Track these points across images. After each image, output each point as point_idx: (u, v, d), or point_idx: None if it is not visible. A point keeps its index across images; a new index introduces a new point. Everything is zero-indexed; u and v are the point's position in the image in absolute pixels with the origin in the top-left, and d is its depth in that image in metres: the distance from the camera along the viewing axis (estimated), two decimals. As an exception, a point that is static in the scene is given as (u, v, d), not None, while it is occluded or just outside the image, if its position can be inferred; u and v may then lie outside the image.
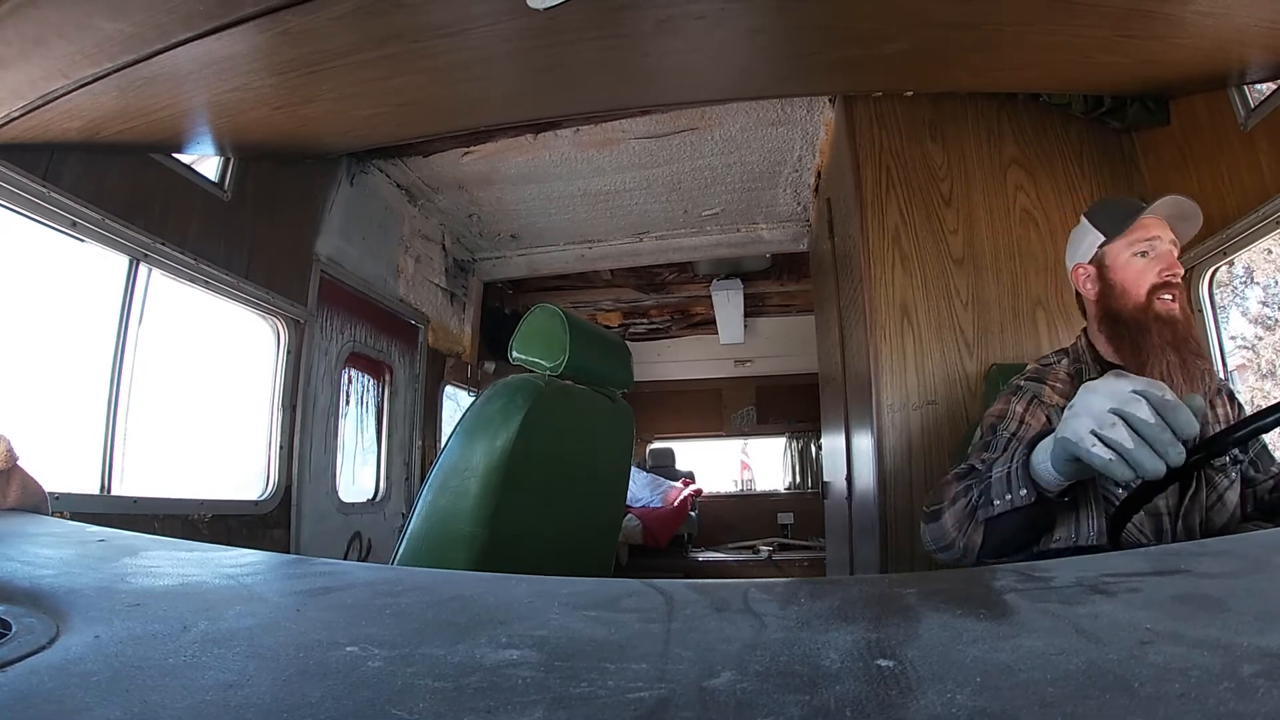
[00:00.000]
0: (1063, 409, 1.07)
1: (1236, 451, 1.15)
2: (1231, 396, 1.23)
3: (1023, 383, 1.23)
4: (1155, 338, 1.12)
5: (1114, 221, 1.21)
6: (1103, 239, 1.22)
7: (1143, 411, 0.72)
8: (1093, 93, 1.89)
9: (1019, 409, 1.18)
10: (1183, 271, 1.15)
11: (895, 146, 1.99)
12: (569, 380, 1.26)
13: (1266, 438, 1.19)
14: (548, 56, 1.66)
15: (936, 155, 1.98)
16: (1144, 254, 1.17)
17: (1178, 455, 0.72)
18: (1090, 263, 1.24)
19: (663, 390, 6.39)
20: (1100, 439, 0.75)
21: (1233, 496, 1.12)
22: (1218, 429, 1.16)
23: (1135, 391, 0.74)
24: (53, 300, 1.70)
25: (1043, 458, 0.88)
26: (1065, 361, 1.25)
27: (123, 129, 1.60)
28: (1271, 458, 1.23)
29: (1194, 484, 1.10)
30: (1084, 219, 1.28)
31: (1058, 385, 1.21)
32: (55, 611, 0.46)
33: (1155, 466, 0.72)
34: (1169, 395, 0.73)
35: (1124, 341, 1.18)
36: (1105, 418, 0.74)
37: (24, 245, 1.57)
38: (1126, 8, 1.41)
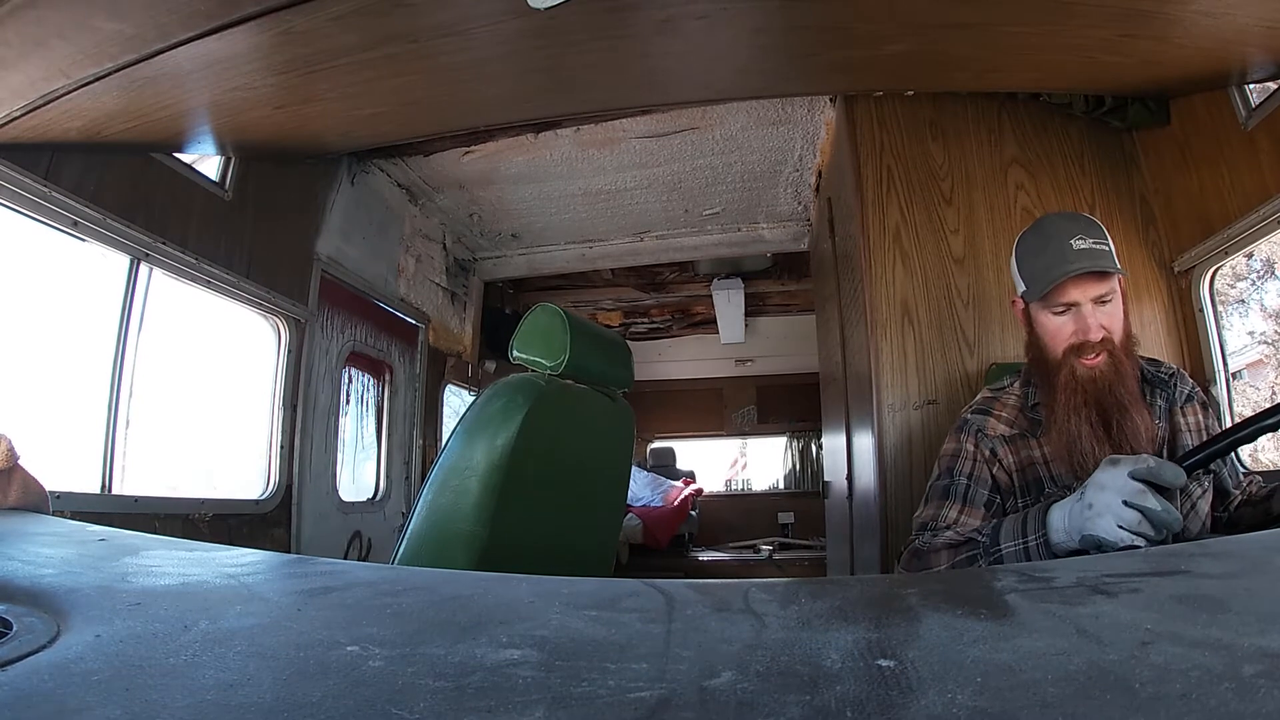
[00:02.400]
0: (1005, 438, 1.21)
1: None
2: (1204, 405, 1.24)
3: (969, 415, 1.26)
4: (1062, 400, 1.13)
5: (1033, 278, 1.17)
6: (1025, 288, 1.21)
7: (1150, 502, 0.87)
8: (1093, 93, 1.88)
9: (969, 447, 1.22)
10: (1101, 335, 1.12)
11: (896, 146, 1.99)
12: (570, 380, 1.26)
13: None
14: (548, 56, 1.66)
15: (937, 155, 1.98)
16: (1061, 313, 1.15)
17: (1178, 522, 0.88)
18: (1021, 298, 1.24)
19: (663, 390, 6.39)
20: (1126, 530, 0.89)
21: (1204, 505, 1.14)
22: (1189, 438, 1.18)
23: (1135, 478, 0.89)
24: (54, 300, 1.70)
25: (1063, 539, 0.98)
26: (1016, 385, 1.28)
27: (123, 129, 1.60)
28: (1238, 471, 1.26)
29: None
30: (1015, 251, 1.24)
31: (1003, 415, 1.24)
32: (56, 611, 0.46)
33: (1165, 534, 0.88)
34: (1160, 469, 0.88)
35: (1043, 391, 1.20)
36: (1126, 515, 0.88)
37: (25, 245, 1.57)
38: (1126, 8, 1.40)
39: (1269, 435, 0.97)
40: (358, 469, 2.82)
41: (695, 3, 1.46)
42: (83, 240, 1.65)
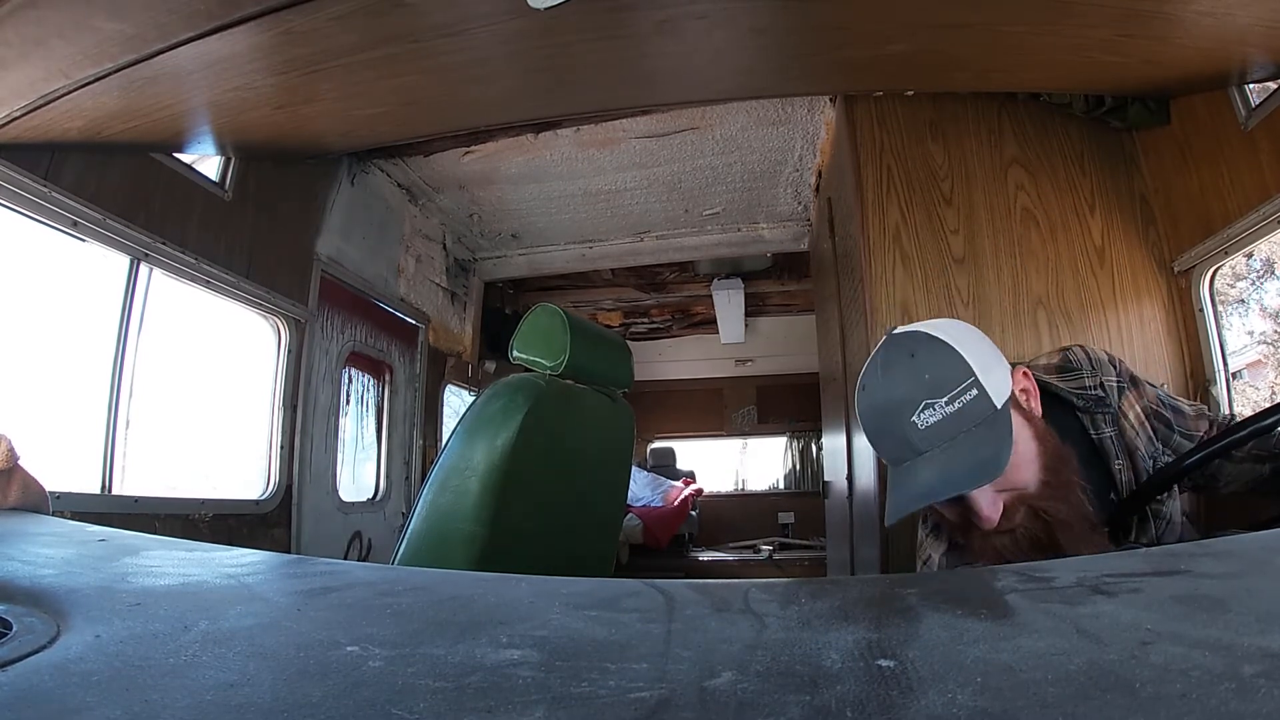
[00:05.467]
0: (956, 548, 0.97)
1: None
2: (1134, 382, 1.03)
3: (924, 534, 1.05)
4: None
5: (892, 489, 0.93)
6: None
7: None
8: (1093, 93, 1.88)
9: (932, 551, 1.04)
10: (1003, 504, 0.85)
11: (896, 146, 1.99)
12: (570, 380, 1.27)
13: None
14: (548, 56, 1.66)
15: (937, 155, 1.98)
16: (944, 503, 0.90)
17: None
18: None
19: (663, 390, 6.40)
20: None
21: (1176, 507, 1.00)
22: (1140, 441, 1.01)
23: None
24: (54, 300, 1.70)
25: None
26: None
27: (124, 129, 1.60)
28: (1187, 418, 1.05)
29: (1133, 530, 0.98)
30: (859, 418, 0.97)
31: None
32: (56, 611, 0.46)
33: None
34: None
35: (966, 554, 0.97)
36: None
37: (25, 245, 1.57)
38: (1126, 8, 1.40)
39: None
40: (358, 469, 2.82)
41: (695, 3, 1.46)
42: (83, 240, 1.65)
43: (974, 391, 0.82)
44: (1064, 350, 1.07)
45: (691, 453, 6.57)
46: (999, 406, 0.83)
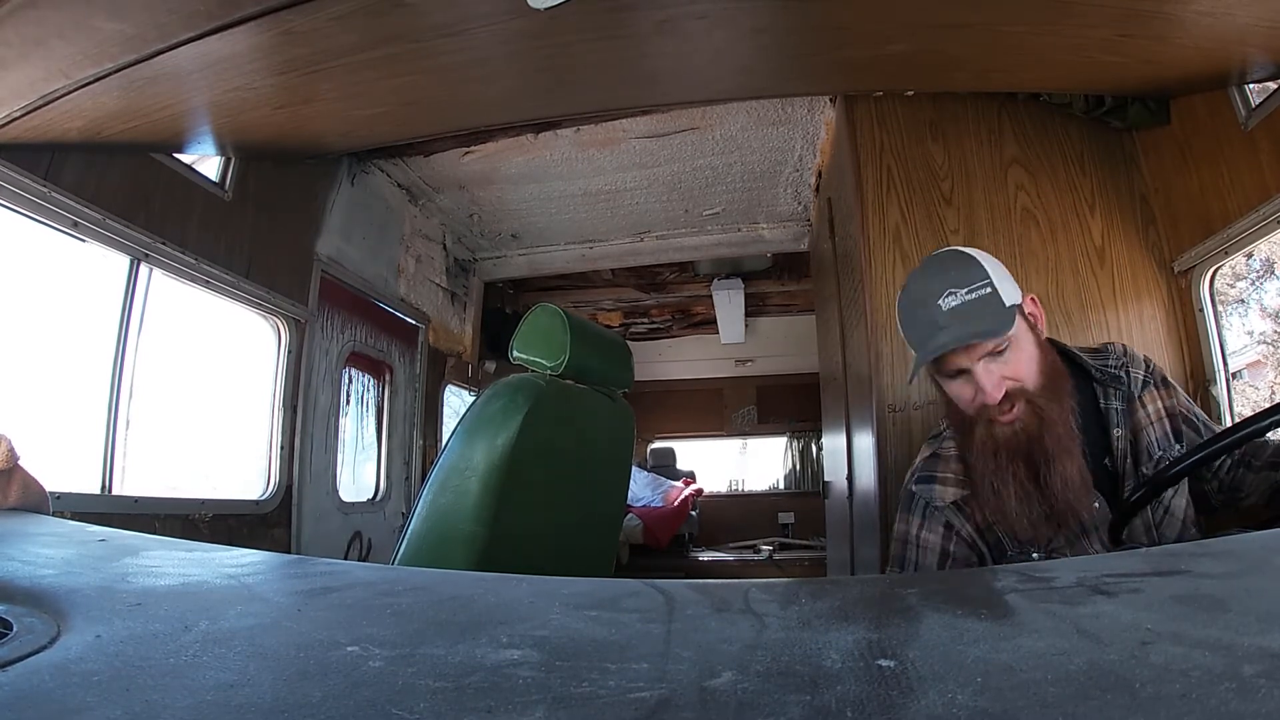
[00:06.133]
0: (958, 503, 1.09)
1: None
2: (1164, 383, 1.15)
3: (914, 488, 1.14)
4: (981, 463, 1.04)
5: (914, 345, 1.06)
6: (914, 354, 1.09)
7: None
8: (1093, 93, 1.88)
9: (915, 531, 1.12)
10: (1004, 390, 1.00)
11: (896, 146, 1.99)
12: (570, 380, 1.27)
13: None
14: (548, 56, 1.66)
15: (937, 155, 1.98)
16: (955, 376, 1.05)
17: None
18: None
19: (663, 390, 6.39)
20: None
21: (1180, 503, 1.07)
22: (1153, 430, 1.10)
23: None
24: (54, 300, 1.70)
25: None
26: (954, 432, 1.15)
27: (124, 129, 1.60)
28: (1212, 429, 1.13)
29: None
30: (897, 313, 1.12)
31: (949, 475, 1.12)
32: (56, 611, 0.46)
33: None
34: None
35: (966, 453, 1.09)
36: None
37: (25, 245, 1.57)
38: (1126, 8, 1.40)
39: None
40: (358, 469, 2.82)
41: (695, 3, 1.46)
42: (83, 240, 1.65)
43: (988, 289, 1.01)
44: (1106, 343, 1.20)
45: (691, 453, 6.57)
46: (1007, 305, 1.01)
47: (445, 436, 1.47)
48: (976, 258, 1.05)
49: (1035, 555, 1.05)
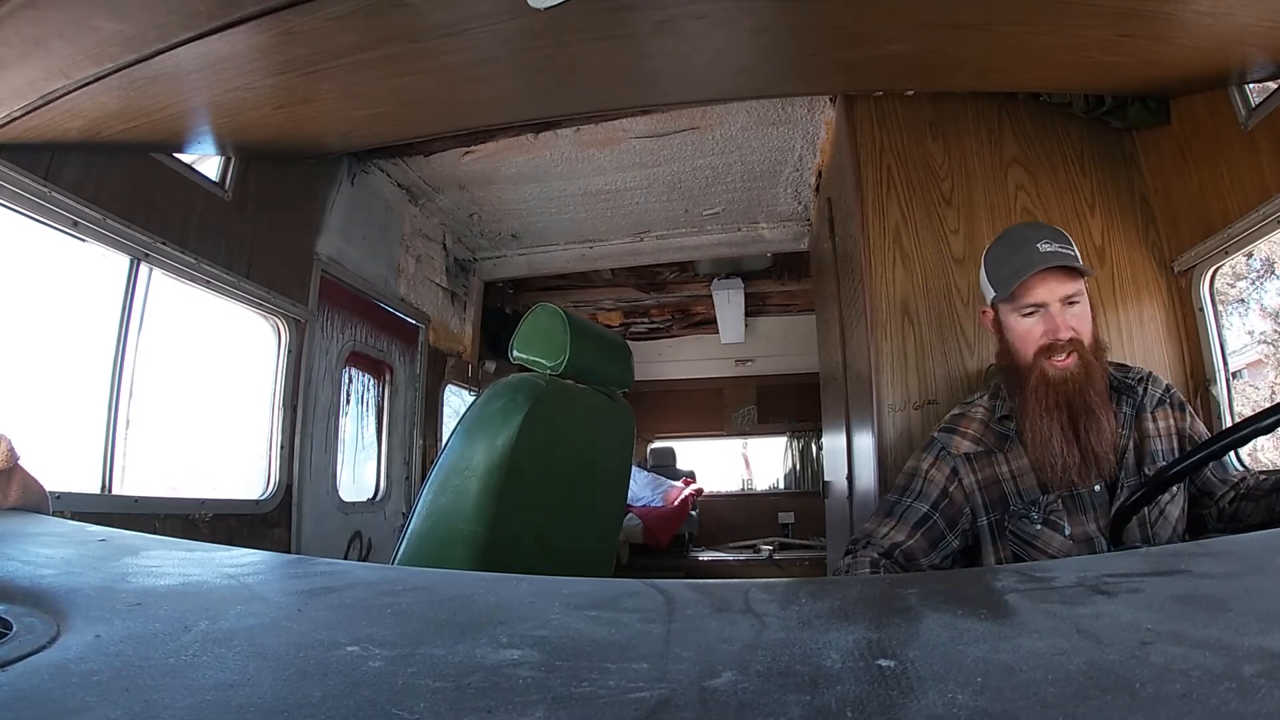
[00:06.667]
0: (970, 456, 1.23)
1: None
2: (1180, 406, 1.26)
3: (936, 434, 1.29)
4: (1033, 403, 1.15)
5: (1002, 281, 1.20)
6: (994, 294, 1.23)
7: None
8: (1093, 93, 1.88)
9: (926, 466, 1.25)
10: (1070, 335, 1.15)
11: (896, 146, 1.99)
12: (570, 379, 1.26)
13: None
14: (548, 56, 1.66)
15: (937, 155, 1.98)
16: (1030, 314, 1.18)
17: None
18: (991, 307, 1.26)
19: (663, 390, 6.39)
20: None
21: (1174, 510, 1.15)
22: (1159, 443, 1.19)
23: None
24: (54, 300, 1.70)
25: None
26: (985, 399, 1.30)
27: (124, 129, 1.60)
28: (1225, 467, 1.24)
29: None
30: (983, 262, 1.27)
31: (970, 431, 1.26)
32: (56, 611, 0.46)
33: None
34: None
35: (1014, 396, 1.22)
36: None
37: (25, 245, 1.57)
38: (1126, 8, 1.40)
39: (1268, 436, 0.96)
40: (358, 469, 2.82)
41: (695, 3, 1.46)
42: (83, 240, 1.65)
43: (1074, 252, 1.17)
44: (1133, 366, 1.31)
45: (691, 453, 6.56)
46: (1088, 270, 1.17)
47: (445, 436, 1.47)
48: (1065, 234, 1.20)
49: (1035, 515, 1.15)
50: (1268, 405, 0.91)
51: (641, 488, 5.34)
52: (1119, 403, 1.22)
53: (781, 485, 6.47)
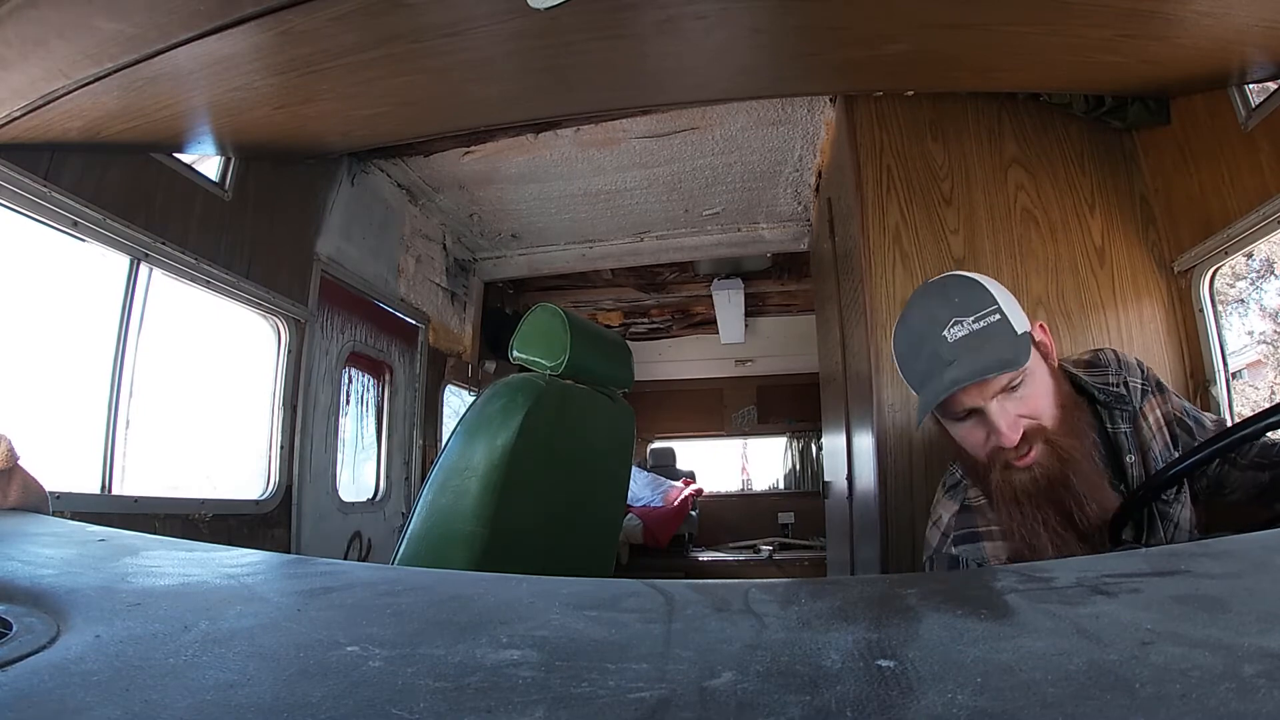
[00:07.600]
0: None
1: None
2: (1159, 388, 1.09)
3: (955, 550, 1.03)
4: (1005, 515, 0.94)
5: (918, 388, 0.97)
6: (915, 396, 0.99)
7: None
8: (1093, 93, 1.88)
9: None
10: (1023, 429, 0.91)
11: (896, 146, 1.99)
12: (570, 380, 1.27)
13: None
14: (548, 56, 1.66)
15: (937, 155, 1.98)
16: (965, 418, 0.95)
17: None
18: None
19: (663, 390, 6.39)
20: None
21: (1185, 515, 1.03)
22: (1156, 443, 1.05)
23: None
24: (54, 300, 1.70)
25: None
26: (958, 491, 1.07)
27: (123, 129, 1.60)
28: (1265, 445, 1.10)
29: (1145, 529, 0.99)
30: (894, 349, 1.03)
31: (994, 529, 1.01)
32: (56, 611, 0.46)
33: None
34: None
35: (992, 504, 0.99)
36: None
37: (25, 245, 1.57)
38: (1126, 8, 1.40)
39: None
40: (358, 469, 2.82)
41: (695, 3, 1.46)
42: (83, 240, 1.65)
43: (997, 316, 0.92)
44: (1096, 351, 1.13)
45: (691, 454, 6.56)
46: (1019, 332, 0.92)
47: (445, 436, 1.47)
48: (980, 281, 0.96)
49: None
50: (1267, 406, 0.91)
51: (641, 488, 5.35)
52: (1114, 420, 1.04)
53: (781, 485, 6.48)
